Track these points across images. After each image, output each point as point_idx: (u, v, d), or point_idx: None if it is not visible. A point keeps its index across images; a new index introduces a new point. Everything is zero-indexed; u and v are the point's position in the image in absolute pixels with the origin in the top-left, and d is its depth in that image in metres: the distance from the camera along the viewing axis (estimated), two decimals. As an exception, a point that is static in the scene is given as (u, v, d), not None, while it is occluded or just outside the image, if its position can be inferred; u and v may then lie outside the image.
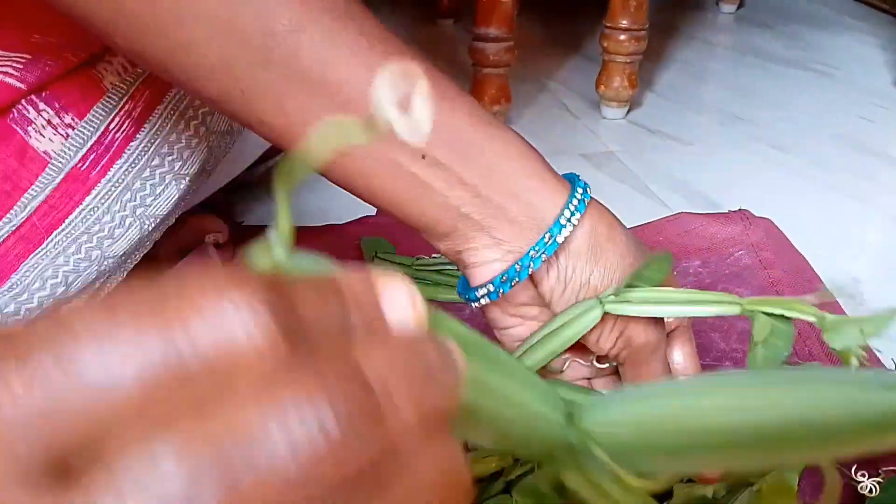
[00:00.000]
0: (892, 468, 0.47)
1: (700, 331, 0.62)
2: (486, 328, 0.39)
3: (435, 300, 0.65)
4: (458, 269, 0.66)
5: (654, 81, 1.25)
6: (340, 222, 0.74)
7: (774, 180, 0.93)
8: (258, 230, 0.75)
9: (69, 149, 0.50)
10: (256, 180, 0.84)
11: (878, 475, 0.47)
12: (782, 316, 0.31)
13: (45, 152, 0.49)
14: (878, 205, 0.86)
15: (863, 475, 0.46)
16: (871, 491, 0.45)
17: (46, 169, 0.49)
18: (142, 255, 0.56)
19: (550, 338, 0.37)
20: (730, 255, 0.71)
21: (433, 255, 0.68)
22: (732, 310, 0.34)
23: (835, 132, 1.06)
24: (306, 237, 0.74)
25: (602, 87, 1.09)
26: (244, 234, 0.73)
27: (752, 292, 0.67)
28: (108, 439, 0.13)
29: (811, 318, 0.30)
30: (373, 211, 0.74)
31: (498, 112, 1.02)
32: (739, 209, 0.75)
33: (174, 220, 0.58)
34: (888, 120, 1.11)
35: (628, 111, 1.12)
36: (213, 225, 0.67)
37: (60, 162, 0.50)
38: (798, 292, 0.65)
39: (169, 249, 0.64)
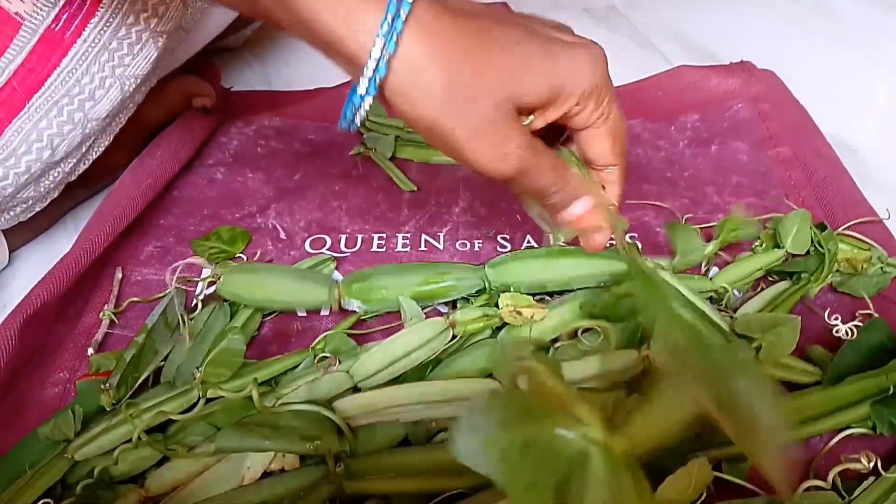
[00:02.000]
0: (867, 312, 0.48)
1: (693, 185, 0.62)
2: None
3: (428, 162, 0.65)
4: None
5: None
6: (330, 83, 0.73)
7: (783, 34, 0.89)
8: (248, 96, 0.74)
9: (41, 9, 0.48)
10: (242, 44, 0.82)
11: (854, 319, 0.48)
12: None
13: (17, 14, 0.48)
14: (891, 63, 0.83)
15: (836, 318, 0.47)
16: (847, 334, 0.46)
17: (20, 31, 0.48)
18: (126, 117, 0.55)
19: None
20: (728, 108, 0.69)
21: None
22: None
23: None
24: (297, 100, 0.73)
25: (606, -65, 1.03)
26: (232, 100, 0.72)
27: (748, 146, 0.66)
28: None
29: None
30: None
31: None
32: (741, 61, 0.72)
33: (156, 80, 0.57)
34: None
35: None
36: (199, 88, 0.66)
37: (33, 23, 0.49)
38: (797, 146, 0.64)
39: (155, 113, 0.63)
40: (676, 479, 0.36)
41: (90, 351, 0.47)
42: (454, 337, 0.43)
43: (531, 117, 0.35)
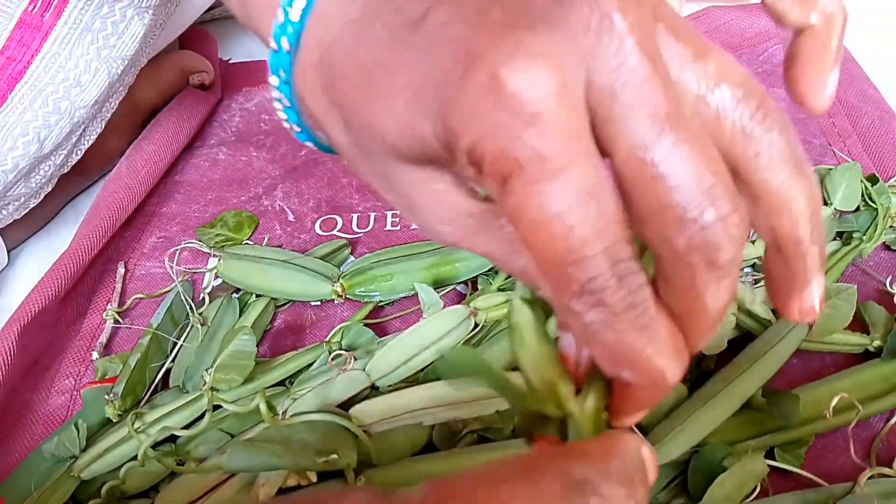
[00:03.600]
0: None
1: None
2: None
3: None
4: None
5: None
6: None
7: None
8: (248, 67, 0.70)
9: (15, -10, 0.45)
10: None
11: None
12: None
13: (-11, -3, 0.44)
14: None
15: (890, 279, 0.43)
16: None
17: (-5, 15, 0.45)
18: (117, 101, 0.52)
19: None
20: (763, 50, 0.64)
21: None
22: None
23: None
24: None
25: None
26: (231, 73, 0.68)
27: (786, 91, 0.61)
28: None
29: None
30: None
31: None
32: (775, -2, 0.67)
33: (147, 60, 0.53)
34: None
35: None
36: (194, 63, 0.62)
37: (9, 6, 0.45)
38: (841, 89, 0.59)
39: (150, 94, 0.59)
40: (730, 477, 0.33)
41: (94, 355, 0.45)
42: (477, 326, 0.40)
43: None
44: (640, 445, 0.20)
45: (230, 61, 0.69)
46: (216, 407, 0.38)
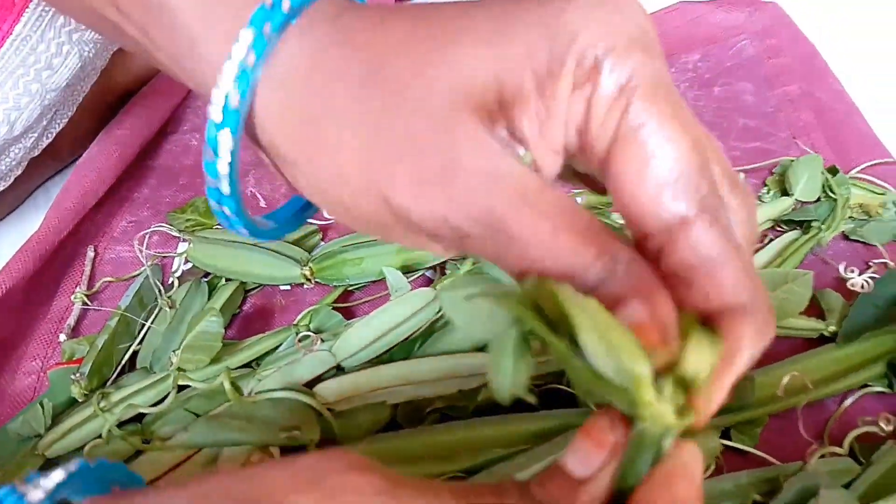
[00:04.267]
0: (882, 261, 0.46)
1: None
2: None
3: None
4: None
5: None
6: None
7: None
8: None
9: (-13, -28, 0.45)
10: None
11: (868, 269, 0.45)
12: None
13: (-40, -22, 0.44)
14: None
15: (851, 271, 0.44)
16: (863, 287, 0.43)
17: (-35, -3, 0.45)
18: (88, 85, 0.52)
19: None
20: (732, 45, 0.65)
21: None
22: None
23: None
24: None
25: None
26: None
27: (754, 86, 0.62)
28: None
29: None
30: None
31: None
32: (745, -7, 0.68)
33: (119, 44, 0.53)
34: None
35: None
36: (169, 49, 0.62)
37: (-21, -13, 0.45)
38: (806, 83, 0.61)
39: (123, 79, 0.59)
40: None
41: (62, 337, 0.45)
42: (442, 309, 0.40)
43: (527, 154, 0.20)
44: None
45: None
46: (182, 388, 0.39)
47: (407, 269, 0.45)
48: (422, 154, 0.19)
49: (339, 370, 0.39)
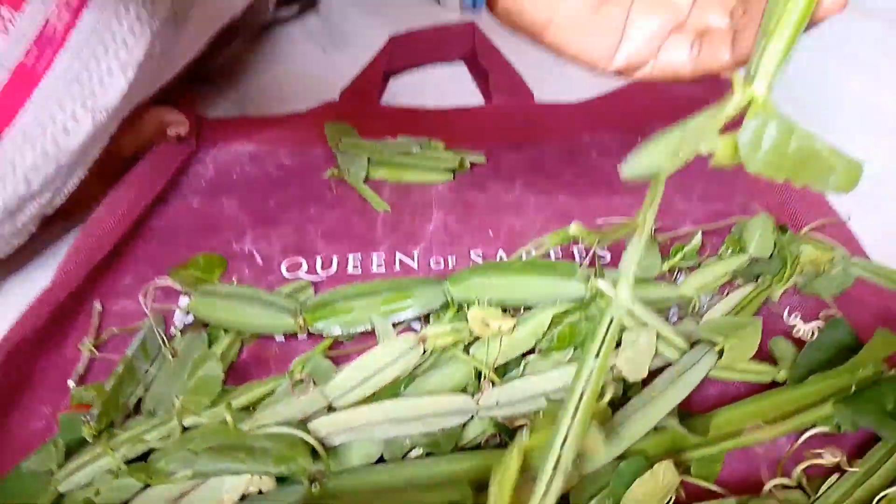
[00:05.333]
0: (831, 313, 0.50)
1: (663, 195, 0.63)
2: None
3: (401, 182, 0.66)
4: (423, 151, 0.67)
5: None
6: (302, 108, 0.74)
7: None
8: (222, 124, 0.74)
9: (14, 46, 0.49)
10: (216, 72, 0.83)
11: (817, 319, 0.49)
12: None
13: (-12, 52, 0.49)
14: (855, 56, 0.85)
15: (795, 316, 0.48)
16: (809, 334, 0.47)
17: (-8, 69, 0.49)
18: (100, 148, 0.56)
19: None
20: (694, 117, 0.71)
21: (398, 138, 0.68)
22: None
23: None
24: (271, 126, 0.74)
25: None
26: (206, 128, 0.73)
27: (713, 153, 0.67)
28: None
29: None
30: (335, 96, 0.73)
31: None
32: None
33: (129, 111, 0.58)
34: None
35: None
36: (173, 117, 0.67)
37: (5, 59, 0.50)
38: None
39: (130, 144, 0.64)
40: (642, 484, 0.37)
41: (71, 384, 0.48)
42: (426, 353, 0.44)
43: None
44: None
45: (205, 117, 0.74)
46: (188, 429, 0.42)
47: (391, 318, 0.49)
48: None
49: (330, 409, 0.42)
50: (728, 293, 0.52)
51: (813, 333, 0.48)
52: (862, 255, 0.54)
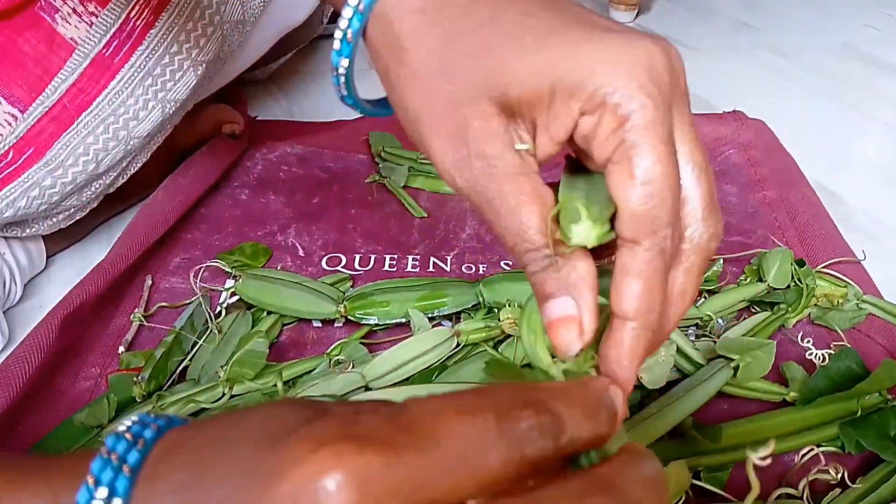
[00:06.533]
0: (841, 343, 0.52)
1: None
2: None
3: (438, 192, 0.69)
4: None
5: (665, -14, 1.25)
6: (346, 117, 0.78)
7: (773, 86, 0.94)
8: (272, 125, 0.79)
9: (94, 35, 0.53)
10: (267, 78, 0.87)
11: (828, 347, 0.52)
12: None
13: (71, 38, 0.53)
14: (874, 115, 0.88)
15: (808, 341, 0.51)
16: (820, 359, 0.50)
17: (73, 54, 0.53)
18: (163, 137, 0.60)
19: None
20: (720, 153, 0.74)
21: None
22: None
23: (839, 41, 1.06)
24: (317, 130, 0.77)
25: (612, -10, 1.10)
26: (257, 128, 0.77)
27: (738, 188, 0.70)
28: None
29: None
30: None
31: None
32: (733, 110, 0.77)
33: (192, 105, 0.62)
34: (894, 29, 1.12)
35: (637, 15, 1.13)
36: (230, 115, 0.71)
37: (86, 48, 0.54)
38: (783, 190, 0.69)
39: (188, 136, 0.68)
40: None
41: (121, 349, 0.51)
42: (459, 346, 0.47)
43: (526, 144, 0.26)
44: (608, 385, 0.21)
45: (257, 118, 0.78)
46: (233, 397, 0.45)
47: (427, 315, 0.52)
48: (449, 120, 0.26)
49: (366, 389, 0.45)
50: (745, 319, 0.54)
51: (824, 359, 0.50)
52: (874, 293, 0.57)
